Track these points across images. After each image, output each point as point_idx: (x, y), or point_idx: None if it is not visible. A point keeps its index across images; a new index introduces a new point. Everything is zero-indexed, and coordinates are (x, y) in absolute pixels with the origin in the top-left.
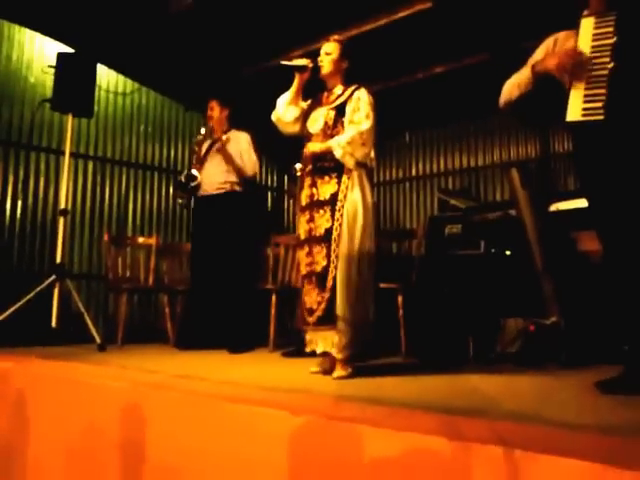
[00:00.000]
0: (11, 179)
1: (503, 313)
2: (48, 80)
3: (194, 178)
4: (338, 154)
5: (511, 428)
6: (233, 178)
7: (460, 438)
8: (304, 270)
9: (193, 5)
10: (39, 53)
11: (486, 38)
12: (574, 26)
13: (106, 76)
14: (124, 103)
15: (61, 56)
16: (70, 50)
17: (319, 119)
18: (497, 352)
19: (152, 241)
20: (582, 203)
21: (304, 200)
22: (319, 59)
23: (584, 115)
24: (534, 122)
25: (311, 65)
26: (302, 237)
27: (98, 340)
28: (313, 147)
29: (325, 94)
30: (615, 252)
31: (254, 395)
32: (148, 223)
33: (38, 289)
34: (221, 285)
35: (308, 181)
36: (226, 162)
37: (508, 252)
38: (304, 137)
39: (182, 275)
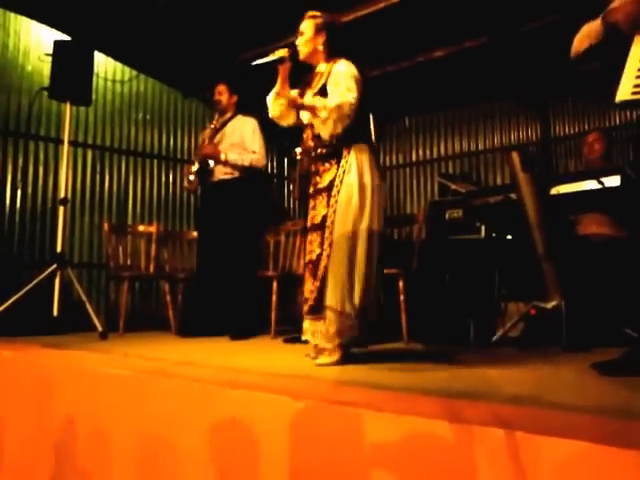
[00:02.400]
0: (10, 168)
1: (504, 297)
2: (45, 68)
3: (207, 164)
4: (322, 116)
5: (512, 411)
6: None
7: (461, 421)
8: (306, 258)
9: None
10: (36, 41)
11: (485, 21)
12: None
13: (104, 64)
14: (122, 91)
15: (58, 44)
16: (67, 38)
17: None
18: (498, 336)
19: (152, 229)
20: (583, 186)
21: (310, 187)
22: (296, 42)
23: (634, 93)
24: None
25: (287, 54)
26: (308, 225)
27: (100, 328)
28: (298, 99)
29: (312, 75)
30: None
31: (255, 380)
32: (148, 211)
33: (39, 278)
34: (227, 271)
35: (313, 169)
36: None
37: (509, 236)
38: (302, 125)
39: (183, 263)
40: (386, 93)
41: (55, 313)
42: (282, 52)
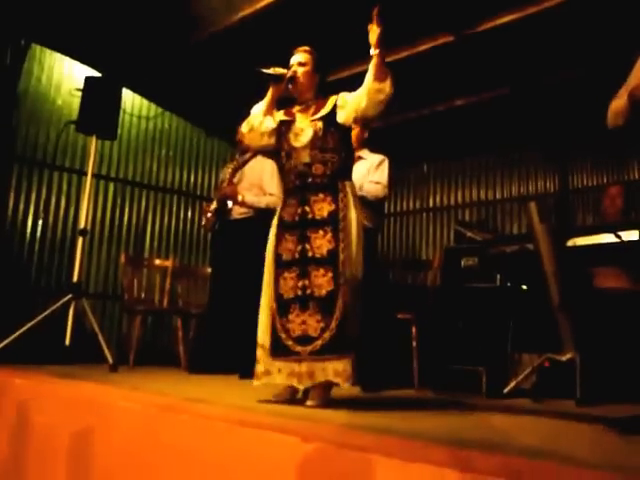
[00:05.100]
0: (33, 197)
1: (518, 348)
2: (75, 102)
3: (226, 204)
4: (384, 82)
5: (524, 463)
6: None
7: (471, 471)
8: (291, 293)
9: (210, 37)
10: (68, 76)
11: (507, 72)
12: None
13: (130, 100)
14: (147, 127)
15: (89, 79)
16: (97, 74)
17: (306, 130)
18: (511, 387)
19: (168, 263)
20: (600, 239)
21: (289, 217)
22: (292, 70)
23: None
24: None
25: (285, 75)
26: (287, 257)
27: (110, 360)
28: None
29: (298, 107)
30: None
31: (264, 420)
32: (165, 245)
33: (53, 307)
34: (238, 310)
35: (295, 198)
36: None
37: (524, 286)
38: (285, 153)
39: (197, 298)
40: (405, 139)
41: (67, 343)
42: (283, 71)
